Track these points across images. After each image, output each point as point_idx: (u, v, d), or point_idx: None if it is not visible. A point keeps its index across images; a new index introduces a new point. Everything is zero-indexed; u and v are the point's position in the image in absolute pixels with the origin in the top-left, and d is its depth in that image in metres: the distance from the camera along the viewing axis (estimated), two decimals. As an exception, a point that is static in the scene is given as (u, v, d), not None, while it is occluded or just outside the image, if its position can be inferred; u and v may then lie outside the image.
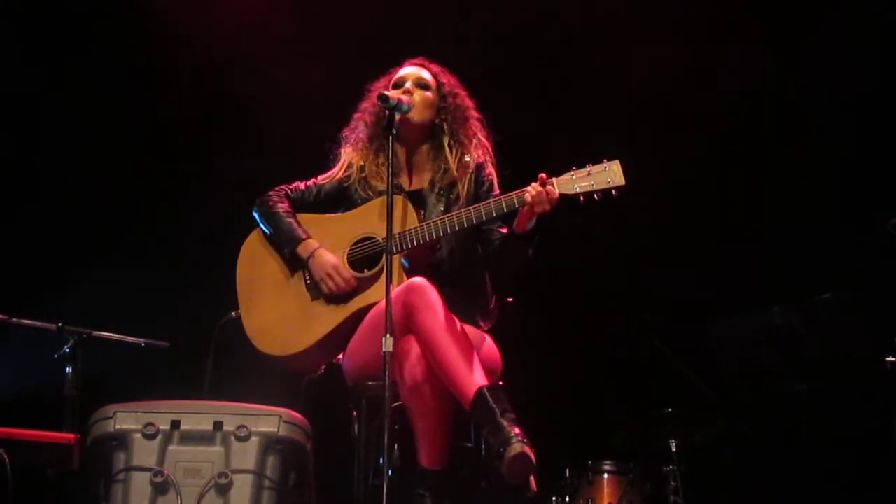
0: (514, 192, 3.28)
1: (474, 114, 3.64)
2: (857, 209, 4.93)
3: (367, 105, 3.66)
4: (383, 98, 3.34)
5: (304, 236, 3.50)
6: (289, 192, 3.64)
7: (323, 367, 3.58)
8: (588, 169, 3.22)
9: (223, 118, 5.24)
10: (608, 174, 3.20)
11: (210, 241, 4.58)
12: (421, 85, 3.57)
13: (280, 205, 3.58)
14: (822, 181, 5.15)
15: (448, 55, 3.73)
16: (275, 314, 3.48)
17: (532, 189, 3.20)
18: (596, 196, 3.21)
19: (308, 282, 3.47)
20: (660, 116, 5.23)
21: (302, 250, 3.47)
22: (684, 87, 5.27)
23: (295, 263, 3.51)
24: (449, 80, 3.63)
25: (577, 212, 3.25)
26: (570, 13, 5.26)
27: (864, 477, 4.72)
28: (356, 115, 3.70)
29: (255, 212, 3.61)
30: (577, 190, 3.21)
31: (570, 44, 5.31)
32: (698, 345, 4.67)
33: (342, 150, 3.69)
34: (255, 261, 3.58)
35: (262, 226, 3.59)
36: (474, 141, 3.60)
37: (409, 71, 3.62)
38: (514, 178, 3.58)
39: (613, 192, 3.20)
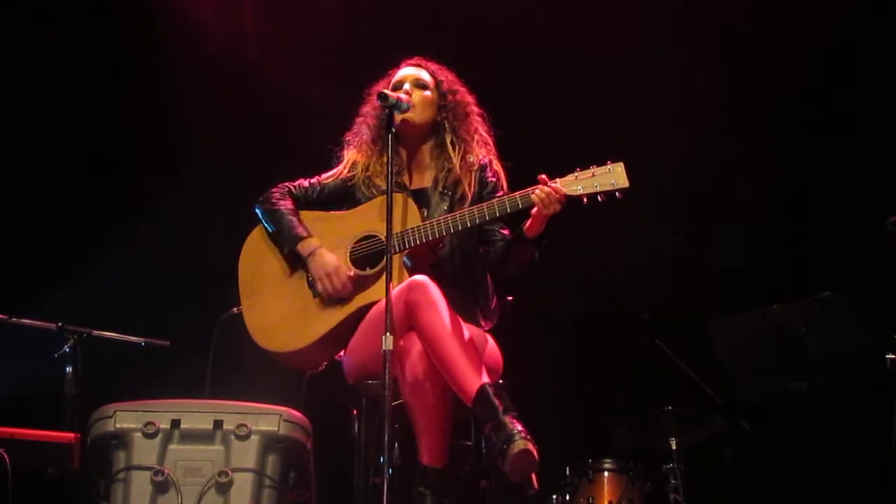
0: (517, 193, 3.28)
1: (475, 109, 3.65)
2: (857, 207, 4.93)
3: (369, 108, 3.67)
4: (382, 97, 3.34)
5: (304, 234, 3.49)
6: (292, 189, 3.64)
7: (324, 364, 3.58)
8: (592, 170, 3.23)
9: (223, 115, 5.23)
10: (612, 176, 3.20)
11: (210, 240, 4.58)
12: (419, 85, 3.58)
13: (282, 202, 3.57)
14: (822, 180, 5.15)
15: (450, 57, 3.74)
16: (276, 311, 3.48)
17: (540, 192, 3.20)
18: (599, 197, 3.22)
19: (310, 279, 3.47)
20: (660, 116, 5.23)
21: (302, 248, 3.47)
22: (684, 87, 5.28)
23: (296, 261, 3.52)
24: (447, 77, 3.64)
25: (577, 211, 3.25)
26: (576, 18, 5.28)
27: (864, 476, 4.72)
28: (358, 119, 3.70)
29: (258, 209, 3.60)
30: (581, 191, 3.21)
31: (572, 45, 5.32)
32: (698, 344, 4.67)
33: (345, 152, 3.70)
34: (257, 258, 3.58)
35: (264, 223, 3.58)
36: (476, 137, 3.60)
37: (407, 72, 3.62)
38: (516, 169, 3.58)
39: (617, 193, 3.21)
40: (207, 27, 5.30)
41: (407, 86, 3.55)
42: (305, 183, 3.67)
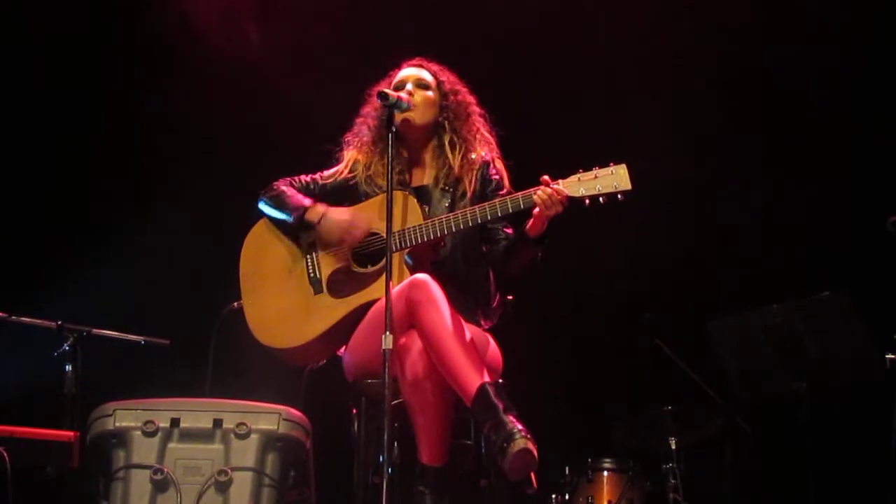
0: (519, 193, 3.28)
1: (476, 109, 3.65)
2: (857, 207, 4.93)
3: (369, 109, 3.67)
4: (383, 95, 3.34)
5: (310, 203, 3.50)
6: (293, 182, 3.65)
7: (324, 360, 3.58)
8: (595, 172, 3.22)
9: (223, 115, 5.23)
10: (615, 178, 3.20)
11: (210, 240, 4.59)
12: (421, 85, 3.58)
13: (284, 187, 3.59)
14: (822, 180, 5.16)
15: (452, 56, 3.74)
16: (277, 307, 3.48)
17: (542, 192, 3.20)
18: (601, 199, 3.21)
19: (311, 275, 3.47)
20: (659, 115, 5.23)
21: (311, 216, 3.47)
22: (684, 86, 5.28)
23: (301, 242, 3.51)
24: (448, 77, 3.64)
25: (578, 210, 3.25)
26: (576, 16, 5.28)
27: (864, 476, 4.72)
28: (358, 120, 3.70)
29: (261, 200, 3.60)
30: (583, 193, 3.21)
31: (574, 46, 5.32)
32: (698, 344, 4.67)
33: (345, 153, 3.69)
34: (258, 253, 3.58)
35: (268, 210, 3.58)
36: (478, 137, 3.61)
37: (408, 72, 3.62)
38: (518, 170, 3.59)
39: (619, 196, 3.20)
40: (208, 27, 5.30)
41: (409, 86, 3.55)
42: (306, 178, 3.67)
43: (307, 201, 3.51)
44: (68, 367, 4.18)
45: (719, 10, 5.21)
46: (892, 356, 4.03)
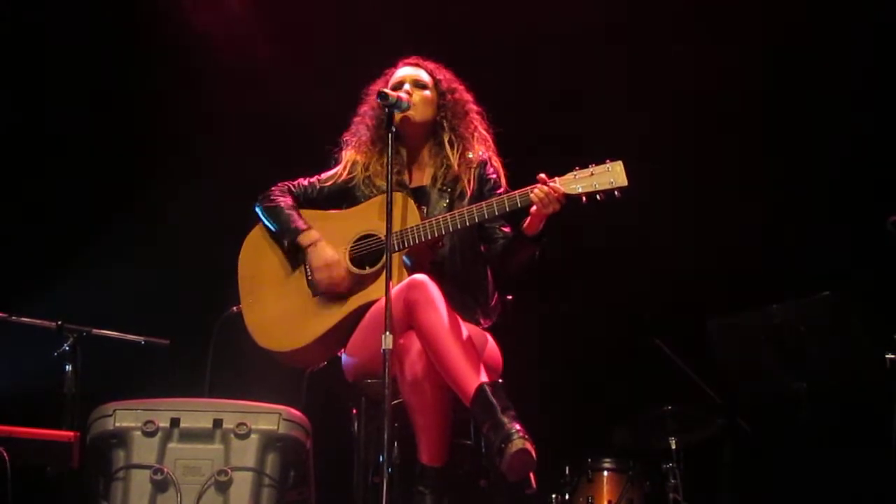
0: (516, 192, 3.29)
1: (474, 107, 3.66)
2: (857, 207, 4.93)
3: (367, 108, 3.67)
4: (383, 95, 3.35)
5: (304, 227, 3.50)
6: (291, 187, 3.65)
7: (323, 362, 3.58)
8: (591, 169, 3.23)
9: (223, 115, 5.23)
10: (611, 174, 3.20)
11: (210, 240, 4.59)
12: (419, 85, 3.58)
13: (282, 199, 3.58)
14: (822, 179, 5.15)
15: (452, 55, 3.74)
16: (276, 310, 3.48)
17: (539, 191, 3.21)
18: (598, 196, 3.21)
19: (309, 278, 3.47)
20: (659, 113, 5.23)
21: (302, 239, 3.47)
22: (683, 85, 5.27)
23: (295, 257, 3.51)
24: (445, 75, 3.65)
25: (576, 209, 3.25)
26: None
27: (863, 476, 4.72)
28: (356, 119, 3.71)
29: (258, 206, 3.61)
30: (580, 190, 3.21)
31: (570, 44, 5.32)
32: (698, 344, 4.67)
33: (343, 153, 3.70)
34: (257, 256, 3.58)
35: (263, 220, 3.59)
36: (476, 135, 3.61)
37: (405, 72, 3.63)
38: (513, 167, 3.59)
39: (616, 192, 3.20)
40: (208, 28, 5.30)
41: (407, 86, 3.55)
42: (305, 182, 3.68)
43: (301, 224, 3.50)
44: (68, 367, 4.19)
45: (719, 9, 5.20)
46: (892, 356, 4.02)
